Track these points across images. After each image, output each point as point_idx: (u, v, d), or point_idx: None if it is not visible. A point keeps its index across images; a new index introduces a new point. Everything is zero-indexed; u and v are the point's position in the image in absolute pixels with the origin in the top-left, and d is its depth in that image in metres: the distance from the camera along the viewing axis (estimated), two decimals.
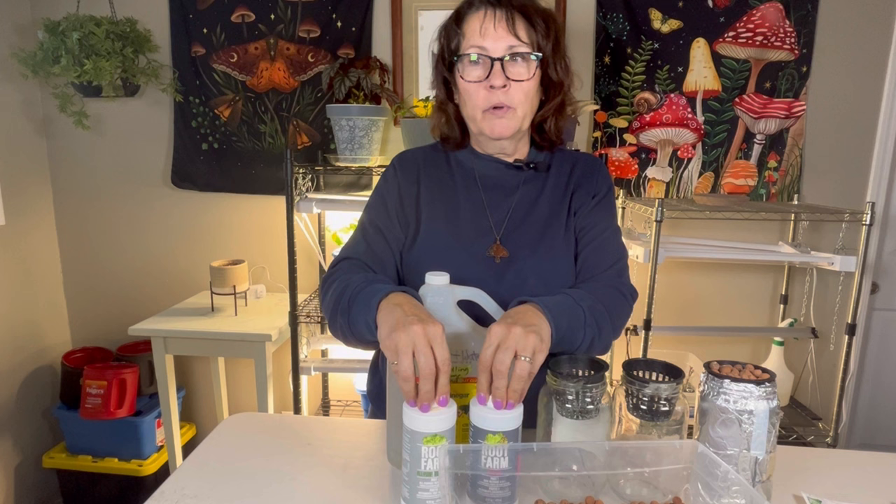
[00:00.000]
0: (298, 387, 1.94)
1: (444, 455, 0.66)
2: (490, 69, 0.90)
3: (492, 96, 0.92)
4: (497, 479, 0.69)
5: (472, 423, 0.71)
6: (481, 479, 0.70)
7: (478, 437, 0.70)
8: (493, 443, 0.69)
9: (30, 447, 2.22)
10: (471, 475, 0.71)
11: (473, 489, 0.71)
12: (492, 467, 0.69)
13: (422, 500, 0.69)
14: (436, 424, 0.68)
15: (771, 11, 1.98)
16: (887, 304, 2.18)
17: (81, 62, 1.87)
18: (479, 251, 0.96)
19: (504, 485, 0.70)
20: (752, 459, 0.72)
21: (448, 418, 0.68)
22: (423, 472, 0.69)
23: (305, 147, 2.17)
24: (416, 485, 0.69)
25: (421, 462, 0.68)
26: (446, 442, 0.68)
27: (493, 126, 0.94)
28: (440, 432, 0.68)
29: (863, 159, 2.06)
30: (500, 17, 0.90)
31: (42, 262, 2.26)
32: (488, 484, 0.70)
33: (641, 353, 1.82)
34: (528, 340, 0.70)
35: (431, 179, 1.03)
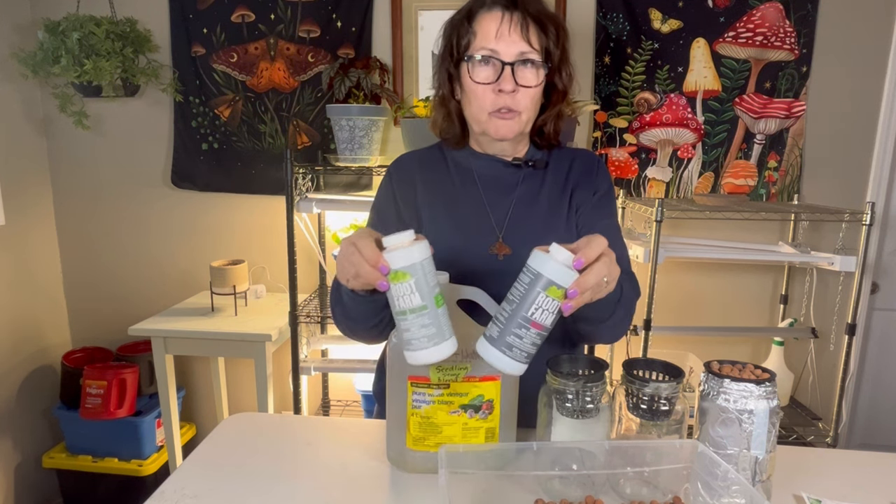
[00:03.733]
0: (298, 387, 1.94)
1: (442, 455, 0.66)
2: (500, 73, 0.91)
3: (499, 100, 0.92)
4: (536, 333, 0.68)
5: (535, 270, 0.67)
6: (519, 328, 0.67)
7: (535, 284, 0.66)
8: (554, 297, 0.66)
9: (30, 447, 2.22)
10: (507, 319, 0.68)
11: (503, 335, 0.68)
12: (537, 320, 0.67)
13: (408, 340, 0.70)
14: (394, 262, 0.68)
15: (771, 11, 1.98)
16: (887, 304, 2.18)
17: (81, 62, 1.87)
18: (482, 249, 0.97)
19: (537, 342, 0.68)
20: (752, 459, 0.72)
21: (405, 255, 0.68)
22: (399, 312, 0.69)
23: (305, 147, 2.17)
24: (399, 326, 0.70)
25: (394, 303, 0.69)
26: (412, 279, 0.68)
27: (499, 128, 0.95)
28: (401, 269, 0.68)
29: (863, 159, 2.06)
30: (516, 22, 0.91)
31: (42, 262, 2.26)
32: (524, 334, 0.67)
33: (641, 352, 1.82)
34: (616, 269, 0.71)
35: (429, 180, 1.03)
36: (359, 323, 0.89)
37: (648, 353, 1.81)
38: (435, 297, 0.70)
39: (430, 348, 0.70)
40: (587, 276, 0.66)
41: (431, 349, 0.70)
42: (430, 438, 0.82)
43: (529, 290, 0.67)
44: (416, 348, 0.70)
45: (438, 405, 0.81)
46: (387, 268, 0.68)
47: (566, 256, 0.66)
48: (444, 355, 0.70)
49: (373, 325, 0.88)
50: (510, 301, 0.69)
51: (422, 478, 0.82)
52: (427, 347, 0.69)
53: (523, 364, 0.69)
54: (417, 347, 0.70)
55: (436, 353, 0.70)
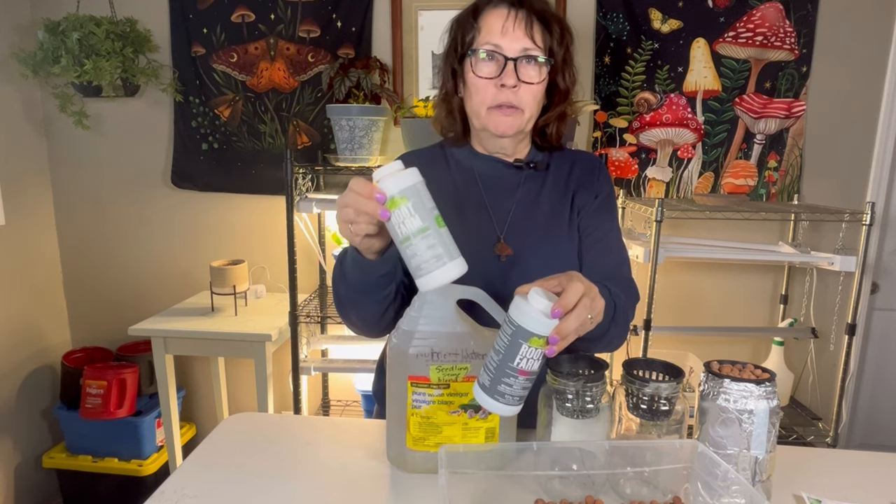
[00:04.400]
0: (298, 387, 1.94)
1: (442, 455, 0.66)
2: (503, 68, 0.91)
3: (500, 94, 0.93)
4: (525, 379, 0.69)
5: (516, 322, 0.68)
6: (507, 377, 0.68)
7: (518, 336, 0.68)
8: (536, 346, 0.67)
9: (30, 447, 2.22)
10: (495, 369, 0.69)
11: (494, 384, 0.69)
12: (524, 369, 0.68)
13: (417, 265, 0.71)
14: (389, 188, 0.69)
15: (771, 11, 1.98)
16: (887, 304, 2.18)
17: (81, 62, 1.87)
18: (484, 250, 0.97)
19: (527, 385, 0.70)
20: (752, 459, 0.72)
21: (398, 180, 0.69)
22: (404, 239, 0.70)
23: (305, 147, 2.17)
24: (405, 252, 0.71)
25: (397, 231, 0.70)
26: (409, 202, 0.69)
27: (498, 123, 0.95)
28: (396, 194, 0.69)
29: (863, 159, 2.06)
30: (520, 19, 0.91)
31: (42, 262, 2.26)
32: (513, 382, 0.69)
33: (641, 352, 1.82)
34: (599, 303, 0.72)
35: (431, 180, 1.02)
36: (365, 296, 0.88)
37: (648, 353, 1.81)
38: (435, 217, 0.71)
39: (441, 268, 0.70)
40: (567, 323, 0.67)
41: (443, 268, 0.70)
42: (430, 438, 0.82)
43: (513, 342, 0.68)
44: (427, 271, 0.70)
45: (438, 405, 0.81)
46: (383, 196, 0.69)
47: (545, 306, 0.67)
48: (457, 273, 0.71)
49: (378, 301, 0.88)
50: (497, 351, 0.70)
51: (422, 478, 0.82)
52: (439, 268, 0.70)
53: (517, 406, 0.71)
54: (429, 270, 0.70)
55: (448, 272, 0.70)
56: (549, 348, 0.67)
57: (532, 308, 0.67)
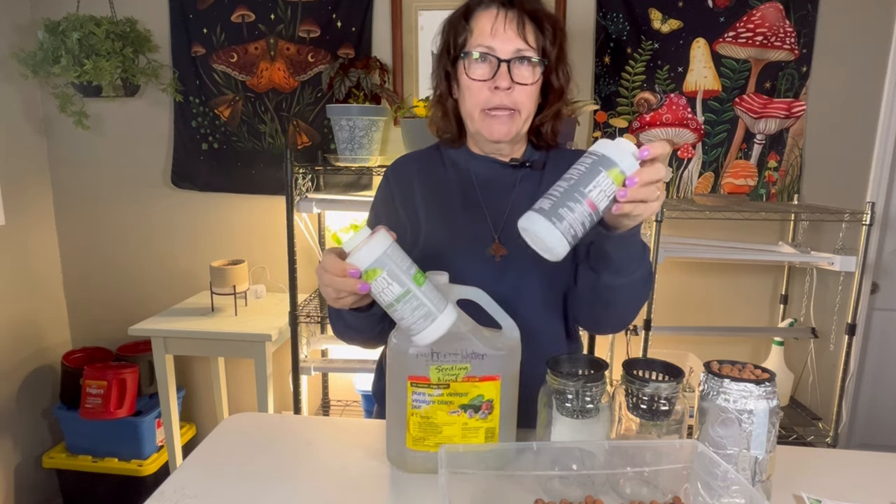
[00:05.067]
0: (298, 387, 1.94)
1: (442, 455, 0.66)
2: (496, 70, 0.91)
3: (494, 97, 0.92)
4: (588, 212, 0.67)
5: (601, 152, 0.67)
6: (573, 202, 0.66)
7: (599, 164, 0.67)
8: (614, 178, 0.67)
9: (30, 447, 2.22)
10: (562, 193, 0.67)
11: (555, 207, 0.67)
12: (593, 199, 0.67)
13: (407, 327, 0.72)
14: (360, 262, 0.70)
15: (771, 11, 1.98)
16: (887, 304, 2.18)
17: (81, 62, 1.87)
18: (480, 250, 0.97)
19: (585, 222, 0.68)
20: (752, 459, 0.72)
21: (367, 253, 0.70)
22: (388, 305, 0.71)
23: (305, 147, 2.17)
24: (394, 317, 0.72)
25: (380, 298, 0.71)
26: (383, 272, 0.70)
27: (492, 129, 0.95)
28: (369, 267, 0.70)
29: (863, 159, 2.06)
30: (511, 19, 0.91)
31: (42, 262, 2.26)
32: (576, 208, 0.66)
33: (641, 352, 1.82)
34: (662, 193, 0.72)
35: (427, 182, 1.03)
36: (361, 333, 0.91)
37: (648, 353, 1.82)
38: (413, 276, 0.71)
39: (431, 326, 0.71)
40: (647, 169, 0.68)
41: (433, 325, 0.71)
42: (430, 438, 0.82)
43: (591, 169, 0.67)
44: (417, 331, 0.72)
45: (438, 405, 0.81)
46: (357, 271, 0.70)
47: (633, 147, 0.68)
48: (448, 324, 0.72)
49: (376, 335, 0.90)
50: (567, 179, 0.68)
51: (422, 478, 0.82)
52: (428, 326, 0.71)
53: (567, 241, 0.68)
54: (419, 330, 0.72)
55: (439, 327, 0.72)
56: (622, 190, 0.67)
57: (623, 143, 0.68)
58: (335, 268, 0.71)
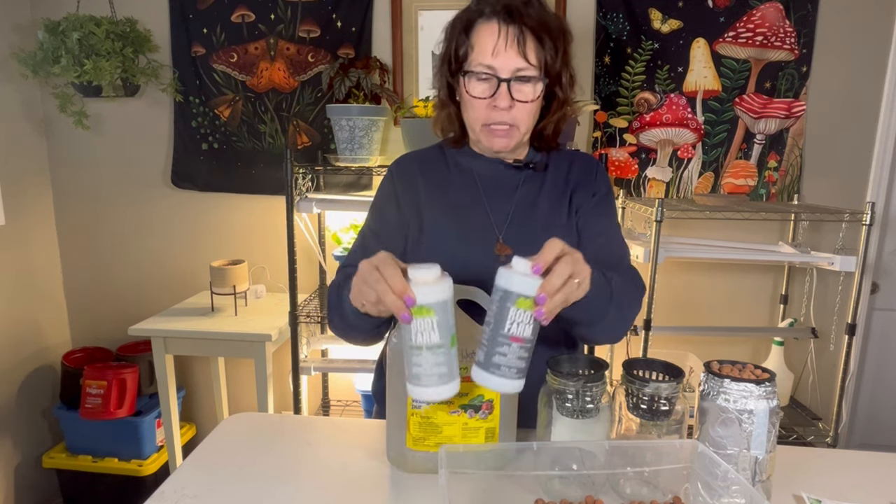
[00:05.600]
0: (298, 387, 1.94)
1: (442, 455, 0.66)
2: (496, 89, 0.91)
3: (494, 114, 0.92)
4: (519, 346, 0.68)
5: (502, 287, 0.68)
6: (500, 346, 0.67)
7: (506, 301, 0.68)
8: (524, 307, 0.67)
9: (30, 447, 2.22)
10: (488, 341, 0.68)
11: (488, 357, 0.68)
12: (515, 334, 0.67)
13: (416, 375, 0.69)
14: (420, 297, 0.67)
15: (771, 11, 1.98)
16: (887, 304, 2.18)
17: (81, 62, 1.87)
18: (483, 250, 0.97)
19: (523, 355, 0.68)
20: (752, 459, 0.72)
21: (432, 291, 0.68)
22: (414, 346, 0.69)
23: (305, 147, 2.17)
24: (410, 359, 0.69)
25: (411, 336, 0.68)
26: (435, 316, 0.68)
27: (493, 142, 0.96)
28: (426, 304, 0.67)
29: (863, 159, 2.06)
30: (512, 37, 0.89)
31: (42, 262, 2.26)
32: (507, 351, 0.68)
33: (641, 352, 1.82)
34: (584, 267, 0.71)
35: (431, 181, 1.03)
36: (358, 332, 0.90)
37: (648, 353, 1.81)
38: (451, 336, 0.70)
39: (438, 387, 0.69)
40: (550, 280, 0.67)
41: (440, 388, 0.69)
42: (430, 438, 0.82)
43: (501, 307, 0.68)
44: (424, 384, 0.69)
45: (438, 405, 0.81)
46: (413, 300, 0.67)
47: (526, 266, 0.67)
48: (450, 395, 0.70)
49: (373, 335, 0.90)
50: (488, 323, 0.69)
51: (422, 478, 0.82)
52: (435, 385, 0.69)
53: (516, 380, 0.69)
54: (426, 384, 0.69)
55: (443, 392, 0.70)
56: (538, 310, 0.66)
57: (514, 270, 0.68)
58: (397, 285, 0.67)
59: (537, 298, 0.66)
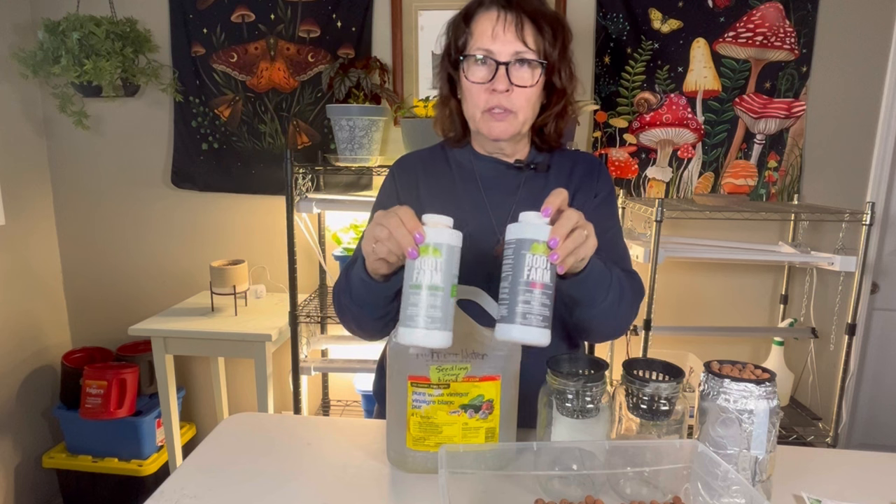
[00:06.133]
0: (298, 387, 1.94)
1: (442, 455, 0.66)
2: (495, 72, 0.91)
3: (493, 99, 0.93)
4: (541, 292, 0.67)
5: (514, 237, 0.69)
6: (522, 295, 0.67)
7: (519, 248, 0.68)
8: (538, 252, 0.67)
9: (30, 447, 2.22)
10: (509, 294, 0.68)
11: (512, 309, 0.68)
12: (535, 280, 0.67)
13: (410, 316, 0.68)
14: (431, 235, 0.68)
15: (771, 11, 1.98)
16: (887, 304, 2.18)
17: (81, 62, 1.87)
18: (484, 250, 0.97)
19: (546, 302, 0.68)
20: (752, 459, 0.72)
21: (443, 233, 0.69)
22: (414, 285, 0.68)
23: (305, 147, 2.17)
24: (407, 299, 0.69)
25: (413, 274, 0.68)
26: (442, 258, 0.68)
27: (492, 128, 0.95)
28: (434, 244, 0.68)
29: (863, 159, 2.06)
30: (510, 22, 0.91)
31: (42, 262, 2.26)
32: (530, 298, 0.67)
33: (641, 352, 1.82)
34: (589, 224, 0.72)
35: (432, 181, 1.03)
36: (365, 310, 0.88)
37: (648, 353, 1.81)
38: (452, 286, 0.70)
39: (430, 331, 0.68)
40: (561, 222, 0.68)
41: (431, 332, 0.68)
42: (430, 438, 0.82)
43: (516, 258, 0.68)
44: (415, 326, 0.68)
45: (438, 405, 0.81)
46: (422, 237, 0.68)
47: (534, 215, 0.69)
48: (440, 344, 0.69)
49: (379, 317, 0.88)
50: (505, 277, 0.70)
51: (422, 478, 0.82)
52: (427, 329, 0.68)
53: (543, 329, 0.68)
54: (417, 325, 0.68)
55: (432, 339, 0.68)
56: (552, 254, 0.67)
57: (525, 218, 0.69)
58: (409, 220, 0.69)
59: (550, 242, 0.67)
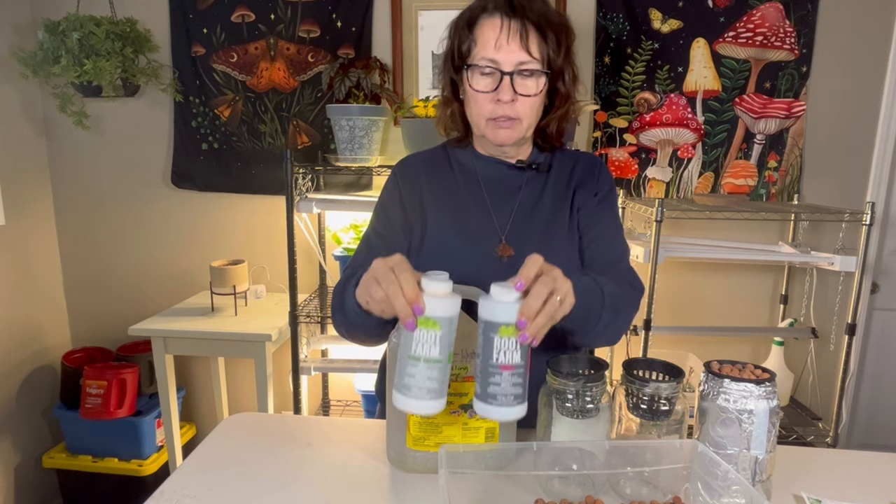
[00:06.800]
0: (298, 387, 1.94)
1: (442, 454, 0.66)
2: (499, 82, 0.91)
3: (497, 108, 0.93)
4: (510, 374, 0.67)
5: (483, 318, 0.68)
6: (492, 377, 0.67)
7: (490, 331, 0.67)
8: (507, 335, 0.66)
9: (30, 447, 2.22)
10: (480, 373, 0.68)
11: (483, 388, 0.68)
12: (504, 363, 0.67)
13: (407, 385, 0.68)
14: (430, 308, 0.66)
15: (771, 11, 1.98)
16: (887, 304, 2.18)
17: (81, 62, 1.87)
18: (487, 251, 0.97)
19: (517, 381, 0.68)
20: (752, 459, 0.72)
21: (443, 305, 0.67)
22: (413, 357, 0.68)
23: (305, 147, 2.17)
24: (405, 369, 0.68)
25: (411, 346, 0.67)
26: (440, 330, 0.67)
27: (497, 134, 0.95)
28: (434, 317, 0.67)
29: (863, 159, 2.06)
30: (515, 31, 0.90)
31: (42, 262, 2.26)
32: (499, 380, 0.67)
33: (641, 352, 1.82)
34: (565, 283, 0.70)
35: (434, 183, 1.03)
36: (360, 331, 0.89)
37: (648, 353, 1.81)
38: (449, 353, 0.69)
39: (426, 401, 0.68)
40: (528, 303, 0.66)
41: (427, 402, 0.68)
42: (430, 438, 0.82)
43: (486, 338, 0.68)
44: (412, 395, 0.68)
45: None
46: (422, 310, 0.67)
47: (503, 293, 0.67)
48: (435, 412, 0.69)
49: (375, 335, 0.89)
50: (476, 354, 0.69)
51: (422, 478, 0.83)
52: (423, 399, 0.68)
53: (515, 407, 0.69)
54: (414, 395, 0.68)
55: (428, 408, 0.68)
56: (521, 334, 0.66)
57: (492, 298, 0.67)
58: (410, 292, 0.67)
59: (518, 324, 0.66)
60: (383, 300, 0.68)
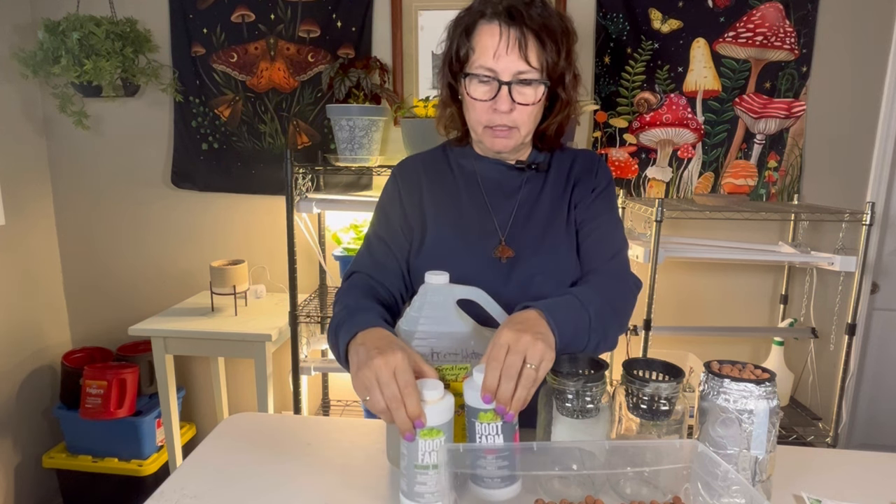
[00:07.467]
0: (298, 387, 1.94)
1: (443, 453, 0.66)
2: (497, 91, 0.90)
3: (495, 117, 0.92)
4: (494, 457, 0.68)
5: (466, 404, 0.70)
6: (479, 461, 0.69)
7: (471, 416, 0.70)
8: (487, 420, 0.68)
9: (30, 447, 2.22)
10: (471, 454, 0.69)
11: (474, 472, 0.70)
12: (489, 447, 0.69)
13: (419, 493, 0.69)
14: (431, 419, 0.68)
15: (771, 11, 1.98)
16: (887, 304, 2.18)
17: (81, 62, 1.87)
18: (486, 252, 0.97)
19: (502, 464, 0.69)
20: (752, 459, 0.72)
21: (442, 411, 0.68)
22: (421, 466, 0.69)
23: (305, 147, 2.17)
24: (414, 478, 0.69)
25: (418, 455, 0.68)
26: (443, 436, 0.68)
27: (494, 143, 0.95)
28: (436, 426, 0.68)
29: (863, 159, 2.06)
30: (514, 40, 0.88)
31: (42, 262, 2.26)
32: (486, 464, 0.69)
33: (641, 352, 1.82)
34: (536, 349, 0.69)
35: (434, 184, 1.03)
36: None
37: (648, 353, 1.81)
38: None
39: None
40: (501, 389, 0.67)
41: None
42: None
43: (469, 423, 0.70)
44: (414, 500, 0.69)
45: None
46: (422, 424, 0.67)
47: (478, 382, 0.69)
48: None
49: None
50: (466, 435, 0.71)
51: None
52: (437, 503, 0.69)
53: (504, 489, 0.70)
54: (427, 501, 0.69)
55: None
56: (507, 416, 0.68)
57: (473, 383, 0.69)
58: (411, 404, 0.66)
59: (496, 409, 0.67)
60: (384, 411, 0.68)
